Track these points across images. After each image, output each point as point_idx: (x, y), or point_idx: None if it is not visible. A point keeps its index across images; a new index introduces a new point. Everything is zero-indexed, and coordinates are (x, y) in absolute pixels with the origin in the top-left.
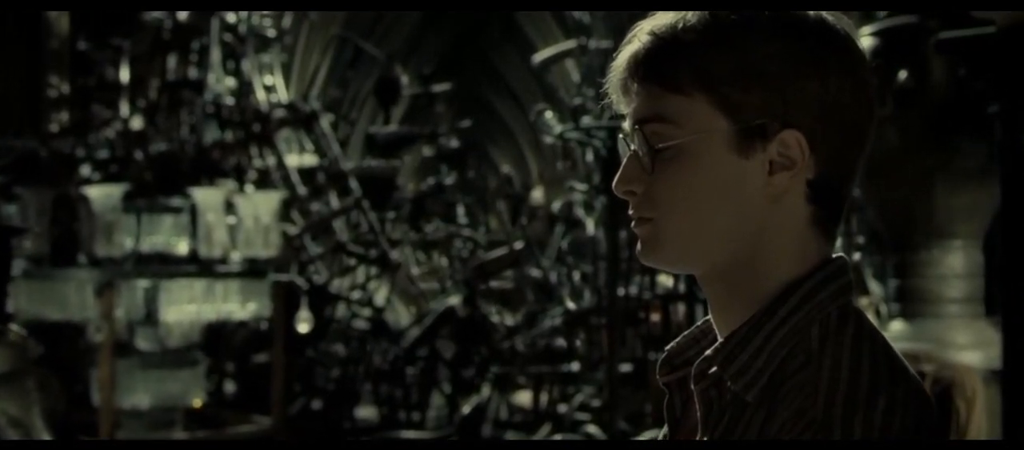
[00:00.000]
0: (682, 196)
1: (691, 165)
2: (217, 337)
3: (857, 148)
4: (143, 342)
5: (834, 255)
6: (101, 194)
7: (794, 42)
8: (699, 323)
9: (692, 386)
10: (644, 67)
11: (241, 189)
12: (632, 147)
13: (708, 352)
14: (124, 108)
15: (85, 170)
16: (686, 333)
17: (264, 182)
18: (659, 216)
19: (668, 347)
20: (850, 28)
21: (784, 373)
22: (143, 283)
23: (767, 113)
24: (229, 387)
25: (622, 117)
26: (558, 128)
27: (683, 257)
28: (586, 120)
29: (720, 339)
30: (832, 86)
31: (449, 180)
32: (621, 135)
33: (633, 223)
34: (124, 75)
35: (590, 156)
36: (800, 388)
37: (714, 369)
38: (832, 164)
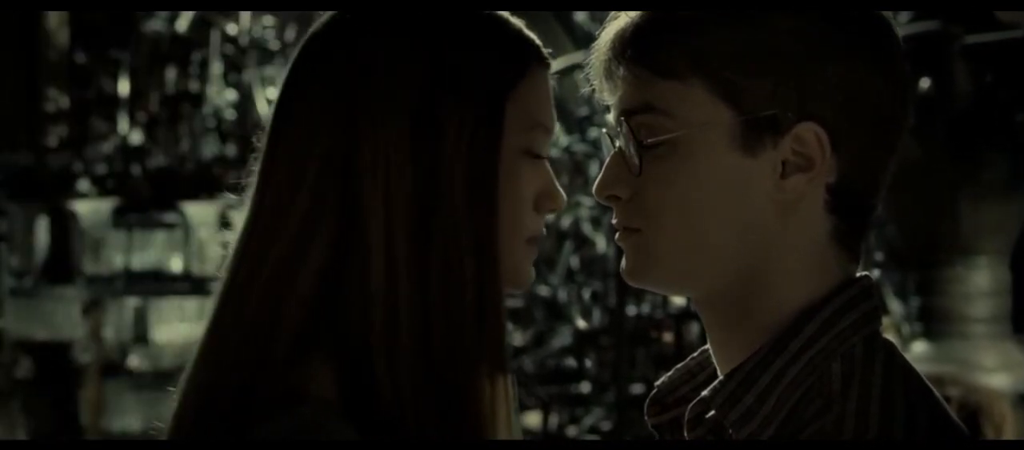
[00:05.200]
0: (675, 202)
1: (686, 165)
2: None
3: (887, 148)
4: (138, 362)
5: (858, 275)
6: (90, 209)
7: (814, 17)
8: (695, 354)
9: (685, 433)
10: (632, 47)
11: (241, 204)
12: (617, 144)
13: (705, 393)
14: (123, 122)
15: (84, 185)
16: (679, 366)
17: None
18: (647, 226)
19: (658, 383)
20: (884, 14)
21: (799, 420)
22: (133, 302)
23: (779, 102)
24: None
25: (607, 109)
26: (565, 140)
27: (676, 277)
28: (593, 132)
29: (720, 376)
30: (860, 70)
31: None
32: (604, 130)
33: (617, 234)
34: (123, 88)
35: (596, 170)
36: (819, 439)
37: (712, 413)
38: (857, 166)
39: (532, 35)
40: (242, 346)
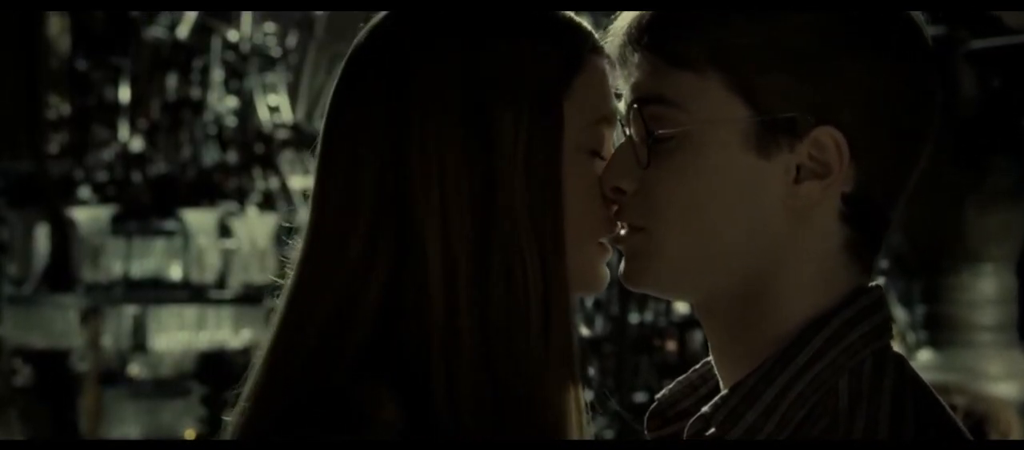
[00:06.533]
0: (681, 199)
1: (696, 161)
2: (216, 365)
3: (910, 159)
4: (138, 370)
5: (870, 285)
6: (88, 217)
7: (841, 15)
8: (697, 366)
9: None
10: (648, 34)
11: (242, 211)
12: (627, 132)
13: (705, 409)
14: (123, 128)
15: (84, 192)
16: (681, 379)
17: (267, 204)
18: (650, 223)
19: (659, 395)
20: (916, 14)
21: (804, 438)
22: (131, 310)
23: (799, 103)
24: (229, 418)
25: (619, 96)
26: None
27: (677, 279)
28: None
29: (723, 390)
30: (886, 73)
31: None
32: (618, 118)
33: (622, 230)
34: (124, 95)
35: None
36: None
37: (713, 431)
38: (877, 175)
39: (582, 22)
40: (305, 373)
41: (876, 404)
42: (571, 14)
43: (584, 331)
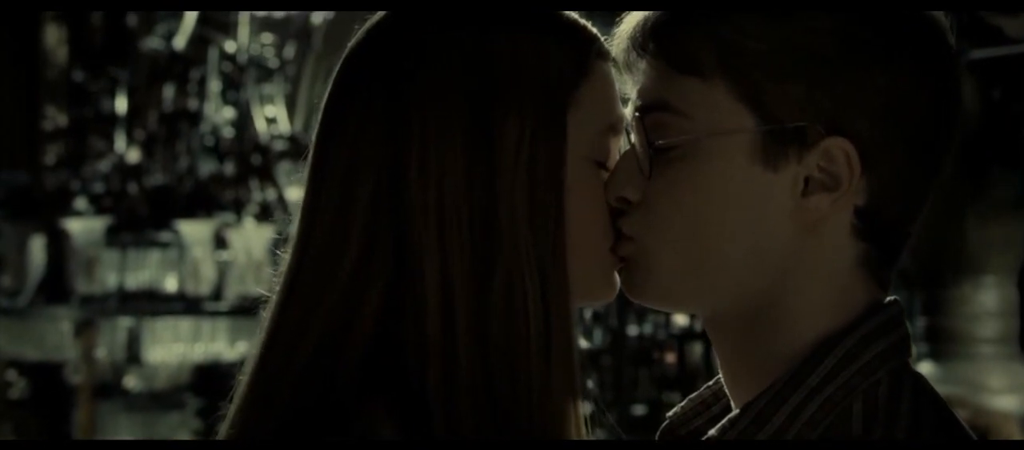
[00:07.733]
0: (682, 212)
1: (699, 172)
2: (211, 378)
3: (927, 171)
4: (133, 383)
5: (887, 301)
6: (83, 228)
7: (857, 17)
8: (710, 383)
9: None
10: (654, 38)
11: (238, 222)
12: (632, 138)
13: (713, 432)
14: (120, 140)
15: (81, 203)
16: (693, 397)
17: (264, 216)
18: (651, 237)
19: (670, 414)
20: (939, 17)
21: None
22: (126, 322)
23: (809, 112)
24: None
25: (626, 102)
26: None
27: (677, 294)
28: None
29: (734, 409)
30: (904, 81)
31: None
32: (625, 126)
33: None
34: (121, 106)
35: None
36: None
37: None
38: (892, 187)
39: (589, 26)
40: (297, 392)
41: (892, 425)
42: (577, 17)
43: (582, 343)
